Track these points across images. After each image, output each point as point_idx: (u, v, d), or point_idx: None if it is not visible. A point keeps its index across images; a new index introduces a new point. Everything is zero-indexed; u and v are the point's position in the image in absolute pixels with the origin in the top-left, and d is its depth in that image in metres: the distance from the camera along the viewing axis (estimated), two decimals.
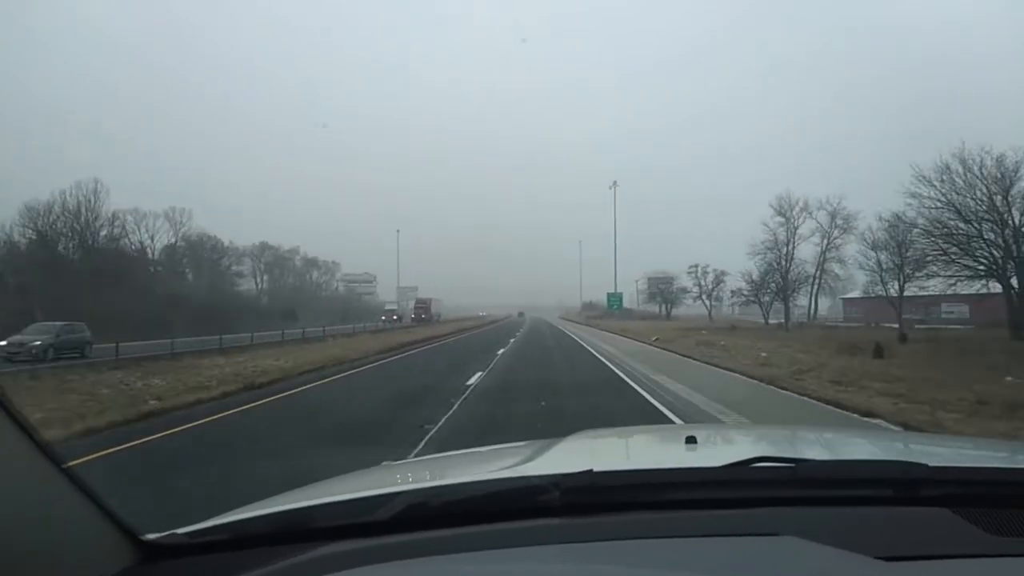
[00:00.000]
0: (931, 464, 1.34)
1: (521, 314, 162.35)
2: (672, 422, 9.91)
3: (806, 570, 1.03)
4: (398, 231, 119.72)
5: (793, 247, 62.21)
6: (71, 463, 1.15)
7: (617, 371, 19.03)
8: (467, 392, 13.60)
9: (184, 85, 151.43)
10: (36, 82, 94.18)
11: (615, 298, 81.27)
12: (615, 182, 77.94)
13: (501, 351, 27.74)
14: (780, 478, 1.33)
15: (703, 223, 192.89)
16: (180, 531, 1.25)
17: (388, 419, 10.57)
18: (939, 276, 34.33)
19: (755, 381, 15.70)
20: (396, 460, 2.84)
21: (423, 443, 8.19)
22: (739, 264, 67.80)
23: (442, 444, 7.99)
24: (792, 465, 1.34)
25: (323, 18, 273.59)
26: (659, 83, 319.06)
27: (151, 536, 1.21)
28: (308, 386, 15.92)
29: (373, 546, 1.15)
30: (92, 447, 8.05)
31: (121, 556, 1.13)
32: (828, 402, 11.83)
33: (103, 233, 51.41)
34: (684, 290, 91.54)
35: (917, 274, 38.81)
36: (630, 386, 15.31)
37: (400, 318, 79.15)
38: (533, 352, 28.85)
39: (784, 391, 13.77)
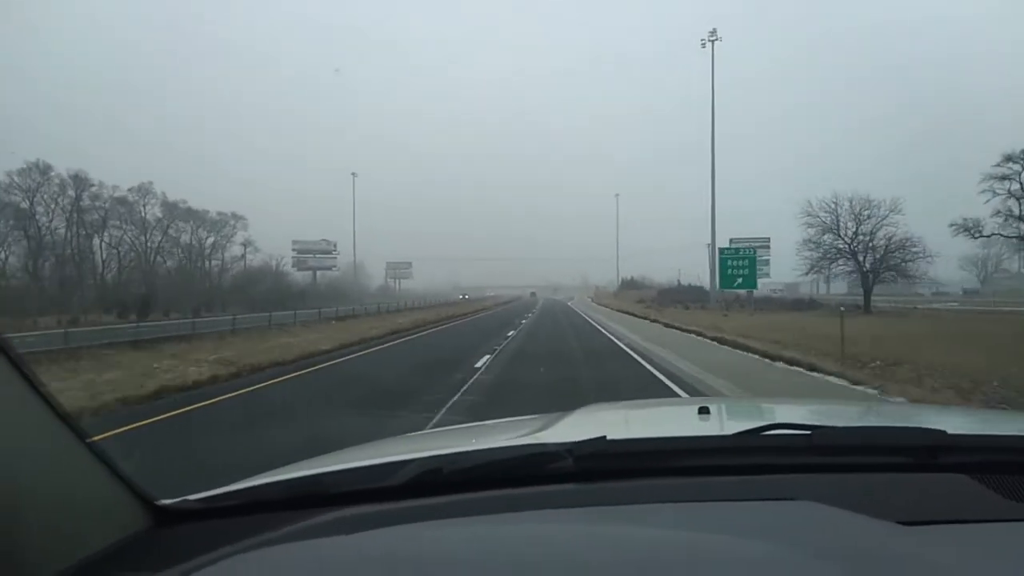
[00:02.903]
0: (949, 432, 1.31)
1: (533, 294, 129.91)
2: None
3: (825, 533, 1.02)
4: (354, 175, 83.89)
5: None
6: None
7: None
8: None
9: None
10: None
11: (743, 261, 37.62)
12: (714, 31, 42.56)
13: None
14: (795, 445, 1.31)
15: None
16: (193, 497, 1.25)
17: None
18: None
19: None
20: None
21: None
22: None
23: None
24: (807, 432, 1.31)
25: None
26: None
27: (164, 501, 1.22)
28: None
29: (386, 510, 1.15)
30: None
31: (135, 520, 1.15)
32: None
33: None
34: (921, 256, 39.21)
35: None
36: None
37: None
38: None
39: None
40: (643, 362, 15.98)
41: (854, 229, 41.91)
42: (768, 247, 54.03)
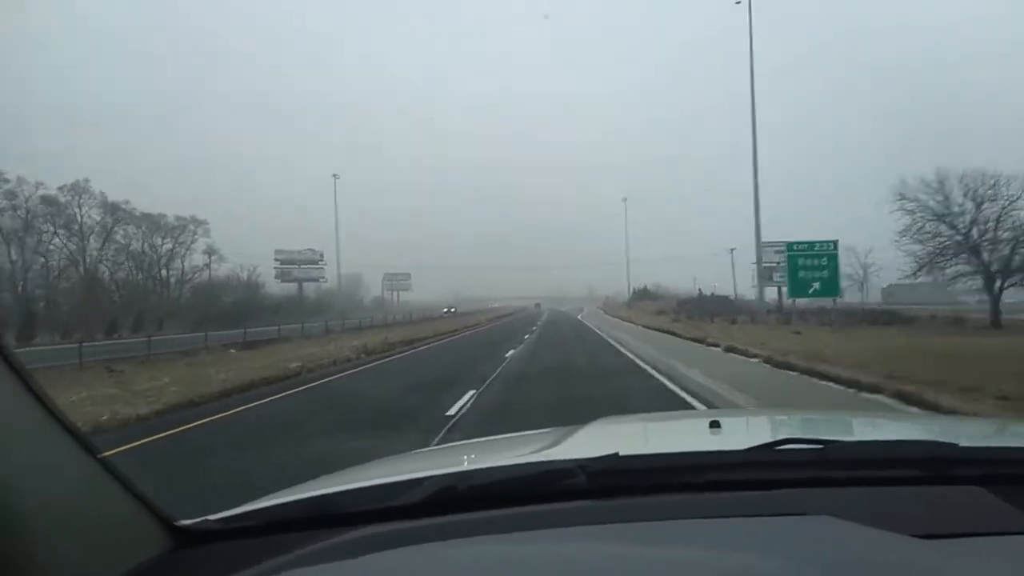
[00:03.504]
0: (961, 444, 1.33)
1: (538, 305, 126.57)
2: None
3: (840, 548, 1.02)
4: (335, 177, 78.13)
5: None
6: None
7: None
8: None
9: None
10: None
11: (820, 260, 28.10)
12: None
13: None
14: (808, 459, 1.31)
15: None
16: (212, 517, 1.26)
17: None
18: None
19: None
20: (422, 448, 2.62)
21: None
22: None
23: None
24: (820, 447, 1.32)
25: None
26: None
27: (184, 522, 1.22)
28: None
29: (402, 529, 1.16)
30: None
31: (155, 542, 1.15)
32: None
33: None
34: None
35: None
36: None
37: None
38: None
39: None
40: None
41: (972, 214, 30.61)
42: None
